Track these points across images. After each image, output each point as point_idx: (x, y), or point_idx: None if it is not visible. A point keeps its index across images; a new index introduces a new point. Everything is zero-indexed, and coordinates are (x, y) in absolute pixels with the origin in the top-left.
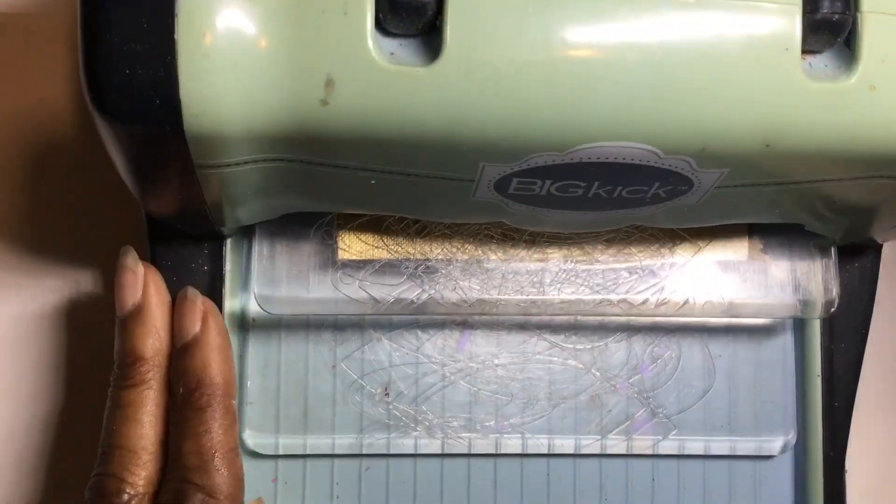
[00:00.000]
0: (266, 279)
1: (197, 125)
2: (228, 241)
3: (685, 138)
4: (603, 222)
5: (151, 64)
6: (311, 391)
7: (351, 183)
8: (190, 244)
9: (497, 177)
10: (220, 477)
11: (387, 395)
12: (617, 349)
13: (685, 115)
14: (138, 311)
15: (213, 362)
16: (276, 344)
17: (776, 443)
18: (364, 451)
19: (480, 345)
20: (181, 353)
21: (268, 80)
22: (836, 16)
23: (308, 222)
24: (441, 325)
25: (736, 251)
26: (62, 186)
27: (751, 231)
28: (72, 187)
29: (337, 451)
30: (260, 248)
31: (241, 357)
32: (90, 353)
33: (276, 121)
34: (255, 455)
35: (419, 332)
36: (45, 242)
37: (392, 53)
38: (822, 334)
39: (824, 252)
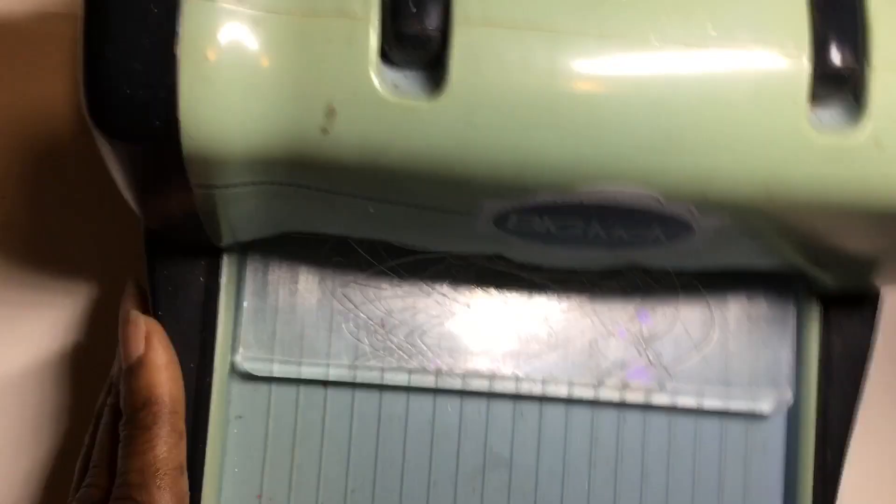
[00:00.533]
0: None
1: (195, 147)
2: (226, 255)
3: (687, 185)
4: (602, 260)
5: (152, 84)
6: (308, 317)
7: (349, 209)
8: (187, 256)
9: (496, 213)
10: (162, 495)
11: (383, 327)
12: (616, 297)
13: (688, 162)
14: (141, 362)
15: (158, 382)
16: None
17: (770, 402)
18: (357, 380)
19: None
20: (128, 373)
21: (268, 105)
22: (846, 70)
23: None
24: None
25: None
26: (61, 195)
27: None
28: (70, 196)
29: (331, 378)
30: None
31: (239, 279)
32: (87, 360)
33: (275, 147)
34: (248, 377)
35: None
36: (41, 251)
37: (396, 85)
38: (819, 381)
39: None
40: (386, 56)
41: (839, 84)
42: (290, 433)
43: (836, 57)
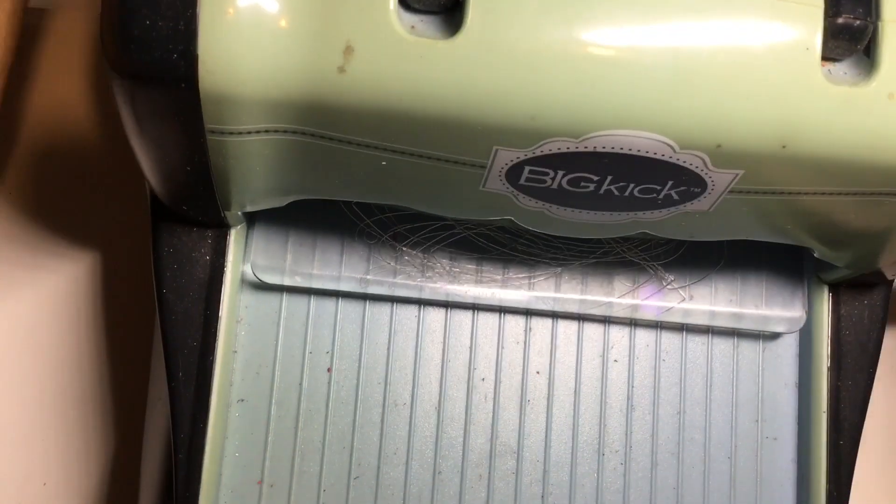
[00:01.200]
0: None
1: (212, 83)
2: (233, 233)
3: (701, 131)
4: (612, 227)
5: (172, 16)
6: (320, 228)
7: (362, 163)
8: (193, 232)
9: (509, 163)
10: None
11: (395, 241)
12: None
13: (702, 107)
14: None
15: None
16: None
17: (783, 322)
18: (370, 291)
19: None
20: None
21: (287, 43)
22: (858, 21)
23: None
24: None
25: None
26: (67, 171)
27: None
28: (76, 172)
29: (342, 289)
30: None
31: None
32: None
33: (292, 85)
34: (260, 287)
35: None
36: (47, 228)
37: (413, 27)
38: (829, 370)
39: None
40: (405, 2)
41: (851, 36)
42: (292, 418)
43: (847, 8)
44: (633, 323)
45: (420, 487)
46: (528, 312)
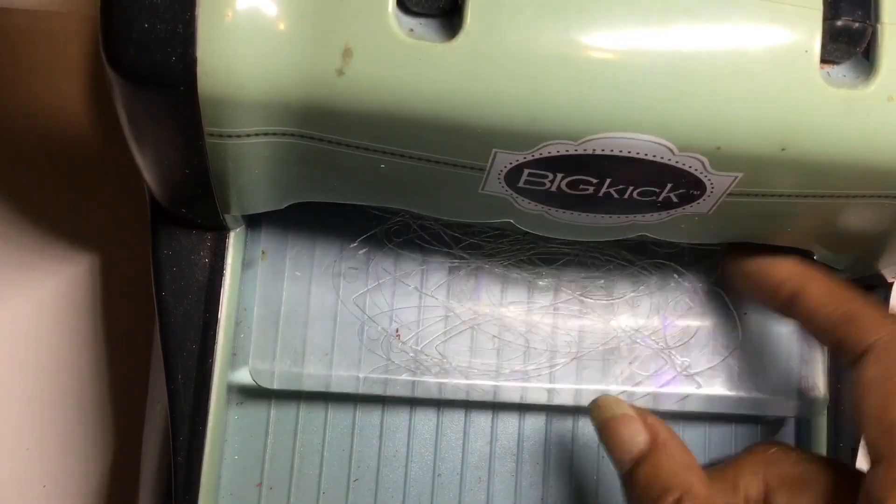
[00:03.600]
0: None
1: (211, 85)
2: (232, 236)
3: (700, 134)
4: (611, 230)
5: (170, 19)
6: (313, 324)
7: (360, 166)
8: (192, 235)
9: (508, 166)
10: None
11: (398, 335)
12: (639, 303)
13: (701, 109)
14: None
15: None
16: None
17: (806, 405)
18: (361, 390)
19: (495, 293)
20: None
21: (285, 46)
22: (856, 24)
23: None
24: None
25: None
26: (68, 174)
27: None
28: (76, 175)
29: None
30: None
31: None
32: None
33: (290, 88)
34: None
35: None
36: (47, 230)
37: (411, 30)
38: (829, 373)
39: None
40: (404, 4)
41: (850, 39)
42: (292, 421)
43: (846, 11)
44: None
45: (420, 490)
46: (548, 407)
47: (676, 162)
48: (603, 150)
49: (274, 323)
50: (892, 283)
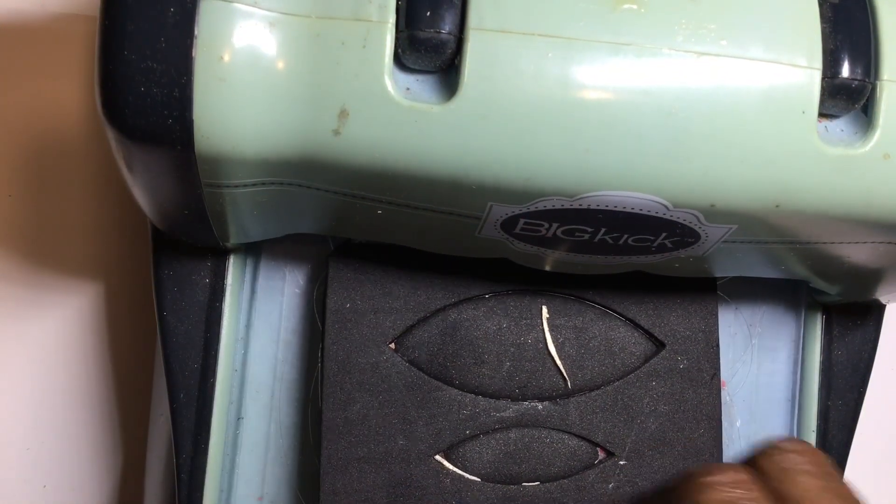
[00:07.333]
0: None
1: (207, 146)
2: (232, 256)
3: (695, 193)
4: (606, 267)
5: (167, 83)
6: None
7: (357, 211)
8: (193, 256)
9: (504, 216)
10: None
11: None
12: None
13: (696, 169)
14: None
15: None
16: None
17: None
18: None
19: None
20: None
21: (282, 106)
22: (856, 82)
23: None
24: None
25: None
26: (67, 193)
27: None
28: (76, 193)
29: None
30: None
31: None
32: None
33: (286, 147)
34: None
35: None
36: (47, 250)
37: (408, 89)
38: (820, 388)
39: None
40: (400, 60)
41: (849, 96)
42: (292, 435)
43: (846, 70)
44: None
45: None
46: None
47: (671, 216)
48: (598, 206)
49: None
50: (885, 305)
